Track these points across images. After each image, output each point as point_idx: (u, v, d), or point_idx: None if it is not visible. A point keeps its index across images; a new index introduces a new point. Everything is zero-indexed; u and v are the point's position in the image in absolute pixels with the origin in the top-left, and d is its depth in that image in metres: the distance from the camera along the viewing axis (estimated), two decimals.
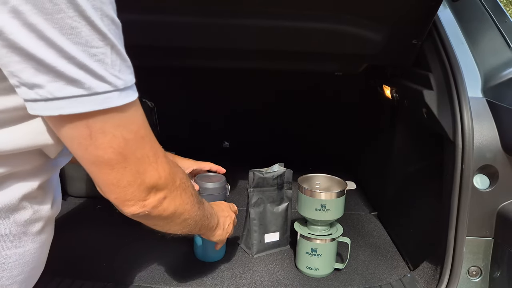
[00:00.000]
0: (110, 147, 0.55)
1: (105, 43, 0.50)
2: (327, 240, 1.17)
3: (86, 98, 0.50)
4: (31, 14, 0.46)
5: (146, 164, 0.60)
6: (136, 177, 0.59)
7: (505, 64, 1.10)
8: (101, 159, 0.56)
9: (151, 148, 0.60)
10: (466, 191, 1.01)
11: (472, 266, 1.05)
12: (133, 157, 0.58)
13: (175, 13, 1.16)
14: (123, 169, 0.57)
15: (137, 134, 0.57)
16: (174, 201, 0.68)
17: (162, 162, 0.63)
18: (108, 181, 0.58)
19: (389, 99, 1.50)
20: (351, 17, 1.18)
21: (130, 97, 0.55)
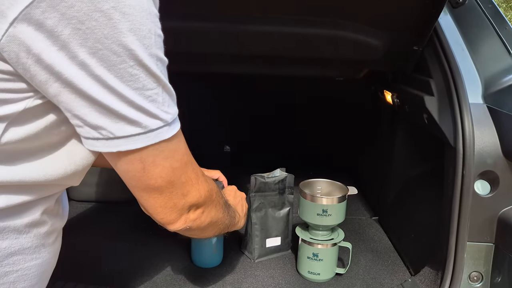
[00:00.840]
0: (160, 177, 0.61)
1: (158, 84, 0.56)
2: (329, 245, 1.18)
3: (142, 136, 0.56)
4: (97, 66, 0.51)
5: (189, 186, 0.67)
6: (180, 199, 0.66)
7: (505, 70, 1.10)
8: (151, 187, 0.62)
9: (193, 171, 0.67)
10: (467, 197, 1.01)
11: (473, 272, 1.05)
12: (178, 182, 0.64)
13: (175, 18, 1.17)
14: (170, 193, 0.64)
15: (181, 161, 0.64)
16: (210, 213, 0.75)
17: (202, 182, 0.70)
18: (156, 204, 0.65)
19: (390, 104, 1.51)
20: (352, 23, 1.19)
21: (176, 128, 0.61)
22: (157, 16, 0.55)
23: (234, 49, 1.32)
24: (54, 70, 0.50)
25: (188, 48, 1.31)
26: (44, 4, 0.47)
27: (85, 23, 0.48)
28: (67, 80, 0.51)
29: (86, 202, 1.66)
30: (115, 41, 0.50)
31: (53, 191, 0.65)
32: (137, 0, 0.51)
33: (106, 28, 0.49)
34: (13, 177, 0.58)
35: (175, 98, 0.61)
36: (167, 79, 0.58)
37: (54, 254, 0.70)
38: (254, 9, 1.15)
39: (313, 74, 1.69)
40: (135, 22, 0.51)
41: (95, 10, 0.48)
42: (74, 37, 0.49)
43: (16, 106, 0.54)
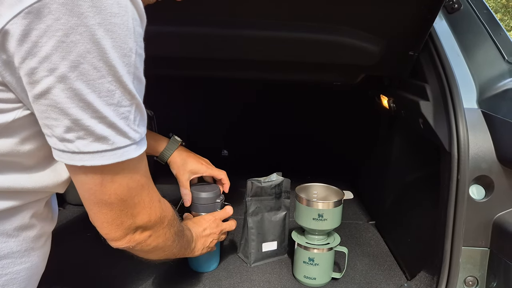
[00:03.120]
0: (114, 193, 0.61)
1: (132, 102, 0.56)
2: (325, 249, 1.18)
3: (108, 153, 0.56)
4: (76, 80, 0.51)
5: (140, 207, 0.66)
6: (129, 218, 0.66)
7: (500, 75, 1.11)
8: (104, 202, 0.62)
9: (148, 194, 0.67)
10: (462, 201, 1.01)
11: (469, 276, 1.05)
12: (131, 202, 0.64)
13: (174, 23, 1.18)
14: (120, 211, 0.64)
15: (138, 182, 0.64)
16: (158, 239, 0.75)
17: (155, 207, 0.70)
18: (104, 219, 0.64)
19: (387, 109, 1.52)
20: (349, 29, 1.19)
21: (143, 147, 0.61)
22: (141, 36, 0.56)
23: (232, 54, 1.33)
24: (33, 79, 0.51)
25: (186, 53, 1.32)
26: (32, 16, 0.48)
27: (70, 36, 0.49)
28: (43, 90, 0.51)
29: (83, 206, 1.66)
30: (97, 56, 0.51)
31: (41, 196, 0.66)
32: (123, 19, 0.52)
33: (89, 43, 0.50)
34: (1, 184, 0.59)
35: (145, 119, 0.61)
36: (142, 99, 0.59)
37: (43, 258, 0.71)
38: (252, 14, 1.15)
39: (311, 79, 1.70)
40: (118, 40, 0.52)
41: (81, 24, 0.49)
42: (57, 49, 0.49)
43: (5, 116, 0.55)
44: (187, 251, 0.96)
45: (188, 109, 2.17)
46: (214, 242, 1.09)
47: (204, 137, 2.21)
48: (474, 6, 1.30)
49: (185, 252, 0.95)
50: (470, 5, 1.30)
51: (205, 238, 1.05)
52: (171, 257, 0.89)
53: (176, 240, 0.83)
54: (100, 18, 0.50)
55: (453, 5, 1.29)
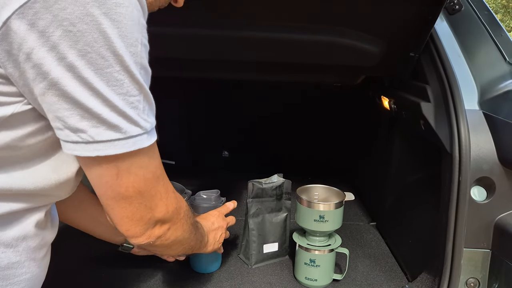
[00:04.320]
0: (132, 186, 0.61)
1: (140, 92, 0.57)
2: (326, 250, 1.18)
3: (122, 141, 0.56)
4: (84, 69, 0.51)
5: (158, 199, 0.66)
6: (148, 212, 0.65)
7: (501, 77, 1.11)
8: (121, 195, 0.61)
9: (163, 185, 0.67)
10: (463, 203, 1.01)
11: (470, 278, 1.05)
12: (148, 194, 0.64)
13: (174, 24, 1.18)
14: (139, 204, 0.63)
15: (154, 173, 0.64)
16: (176, 231, 0.74)
17: (171, 197, 0.69)
18: (123, 214, 0.64)
19: (387, 110, 1.51)
20: (349, 30, 1.19)
21: (154, 137, 0.61)
22: (145, 27, 0.57)
23: (233, 56, 1.33)
24: (42, 70, 0.51)
25: (187, 55, 1.32)
26: (38, 5, 0.48)
27: (76, 25, 0.50)
28: (53, 80, 0.51)
29: None
30: (104, 46, 0.51)
31: (41, 202, 0.64)
32: (128, 9, 0.52)
33: (96, 32, 0.51)
34: None
35: (154, 109, 0.62)
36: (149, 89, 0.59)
37: (44, 268, 0.70)
38: (252, 16, 1.15)
39: (311, 80, 1.70)
40: (124, 30, 0.52)
41: (87, 14, 0.50)
42: (64, 38, 0.50)
43: (4, 110, 0.54)
44: (202, 244, 0.96)
45: (189, 110, 2.17)
46: (223, 236, 1.10)
47: (205, 138, 2.21)
48: (475, 7, 1.29)
49: (200, 245, 0.95)
50: (471, 6, 1.30)
51: (215, 231, 1.06)
52: (189, 252, 0.89)
53: (193, 232, 0.84)
54: (105, 8, 0.51)
55: (454, 6, 1.29)
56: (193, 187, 1.28)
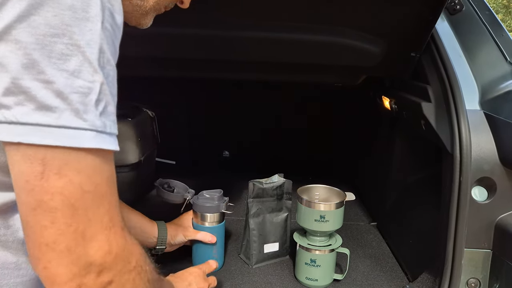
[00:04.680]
0: (60, 193, 0.46)
1: (94, 79, 0.46)
2: (326, 250, 1.18)
3: (53, 130, 0.44)
4: (22, 32, 0.43)
5: (97, 228, 0.48)
6: (78, 243, 0.47)
7: (502, 77, 1.11)
8: (44, 206, 0.45)
9: (108, 212, 0.49)
10: (464, 203, 1.01)
11: (471, 278, 1.05)
12: (83, 214, 0.47)
13: (175, 24, 1.18)
14: (66, 226, 0.46)
15: (97, 188, 0.48)
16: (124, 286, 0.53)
17: (117, 233, 0.51)
18: (42, 238, 0.46)
19: (388, 110, 1.51)
20: (350, 30, 1.19)
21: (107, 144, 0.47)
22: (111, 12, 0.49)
23: (234, 56, 1.33)
24: None
25: (188, 55, 1.32)
26: None
27: None
28: None
29: None
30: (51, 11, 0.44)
31: None
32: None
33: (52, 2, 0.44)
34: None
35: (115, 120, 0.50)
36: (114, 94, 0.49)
37: None
38: (253, 16, 1.15)
39: (312, 80, 1.70)
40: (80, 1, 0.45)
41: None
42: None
43: None
44: None
45: (189, 110, 2.17)
46: None
47: (206, 139, 2.21)
48: (476, 7, 1.29)
49: None
50: (472, 6, 1.30)
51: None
52: None
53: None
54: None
55: (455, 6, 1.29)
56: (194, 187, 1.28)
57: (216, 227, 1.20)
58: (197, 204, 1.19)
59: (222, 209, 1.20)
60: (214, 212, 1.18)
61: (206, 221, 1.19)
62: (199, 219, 1.19)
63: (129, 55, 1.33)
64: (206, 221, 1.19)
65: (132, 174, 1.62)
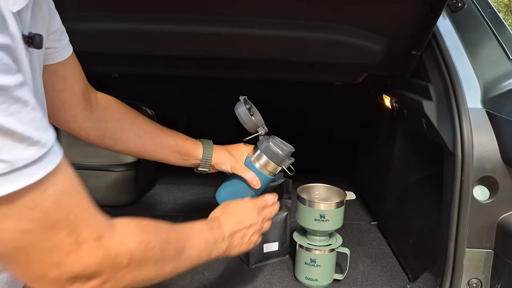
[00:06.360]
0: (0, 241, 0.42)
1: None
2: (326, 250, 1.17)
3: None
4: None
5: (61, 255, 0.45)
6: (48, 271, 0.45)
7: (504, 75, 1.10)
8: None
9: (69, 234, 0.45)
10: (465, 203, 1.00)
11: (473, 278, 1.04)
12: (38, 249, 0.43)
13: (174, 22, 1.17)
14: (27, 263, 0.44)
15: (42, 221, 0.43)
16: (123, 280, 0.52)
17: (90, 249, 0.47)
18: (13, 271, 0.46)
19: (389, 109, 1.50)
20: (350, 28, 1.18)
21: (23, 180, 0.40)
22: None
23: (233, 54, 1.32)
24: None
25: (188, 53, 1.31)
26: None
27: None
28: None
29: None
30: None
31: None
32: None
33: None
34: None
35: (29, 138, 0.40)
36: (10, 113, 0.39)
37: None
38: (253, 13, 1.14)
39: (313, 79, 1.69)
40: None
41: None
42: None
43: None
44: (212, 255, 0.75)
45: (189, 109, 2.17)
46: (256, 236, 0.89)
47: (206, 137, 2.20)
48: (477, 5, 1.28)
49: (208, 259, 0.74)
50: (473, 4, 1.28)
51: (244, 231, 0.85)
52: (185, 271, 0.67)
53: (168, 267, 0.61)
54: None
55: (457, 3, 1.27)
56: (193, 185, 1.27)
57: (266, 177, 1.07)
58: (265, 144, 1.08)
59: (285, 165, 1.08)
60: (275, 162, 1.06)
61: (263, 165, 1.07)
62: (256, 159, 1.07)
63: (129, 53, 1.33)
64: (263, 165, 1.07)
65: (131, 173, 1.61)
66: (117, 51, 1.29)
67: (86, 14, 1.14)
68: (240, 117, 1.12)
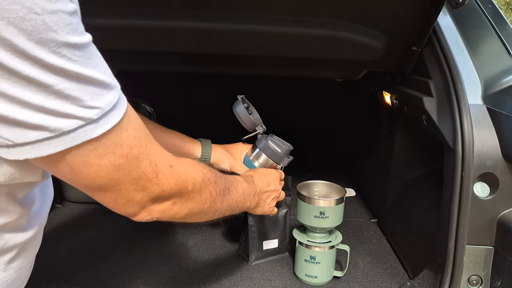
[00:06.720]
0: (98, 176, 0.50)
1: (66, 77, 0.43)
2: (326, 247, 1.16)
3: (54, 140, 0.44)
4: None
5: (145, 181, 0.55)
6: (134, 195, 0.55)
7: (505, 71, 1.09)
8: (90, 187, 0.51)
9: (149, 164, 0.55)
10: (466, 199, 1.00)
11: (473, 275, 1.03)
12: (127, 179, 0.53)
13: (173, 18, 1.16)
14: (118, 190, 0.54)
15: (128, 156, 0.51)
16: (187, 204, 0.65)
17: (165, 175, 0.58)
18: (105, 200, 0.55)
19: (389, 106, 1.50)
20: (350, 24, 1.17)
21: (111, 121, 0.48)
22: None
23: (232, 50, 1.31)
24: None
25: (185, 49, 1.30)
26: None
27: None
28: None
29: (82, 204, 1.65)
30: None
31: None
32: None
33: None
34: None
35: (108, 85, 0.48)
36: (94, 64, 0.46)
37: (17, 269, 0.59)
38: (252, 9, 1.14)
39: (312, 75, 1.68)
40: None
41: None
42: None
43: None
44: (246, 205, 0.86)
45: (189, 106, 2.16)
46: (274, 202, 1.01)
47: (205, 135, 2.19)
48: (478, 1, 1.28)
49: (242, 207, 0.85)
50: (474, 0, 1.28)
51: (269, 193, 0.97)
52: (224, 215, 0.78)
53: (218, 201, 0.72)
54: None
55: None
56: None
57: None
58: (264, 142, 1.10)
59: (284, 163, 1.10)
60: (274, 160, 1.09)
61: (262, 164, 1.09)
62: (255, 157, 1.10)
63: (128, 49, 1.32)
64: (262, 163, 1.09)
65: None
66: (116, 47, 1.28)
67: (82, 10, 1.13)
68: (238, 116, 1.13)
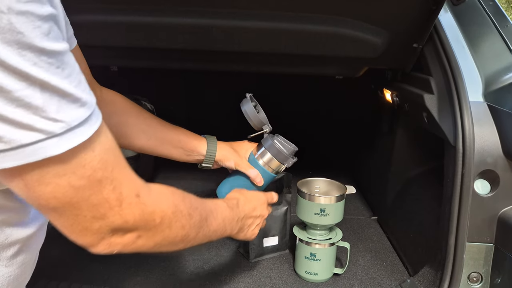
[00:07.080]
0: (53, 197, 0.45)
1: (29, 83, 0.40)
2: (326, 244, 1.17)
3: (9, 153, 0.41)
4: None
5: (105, 209, 0.49)
6: (92, 223, 0.50)
7: (506, 68, 1.09)
8: (45, 207, 0.47)
9: (113, 191, 0.49)
10: (466, 196, 1.00)
11: (473, 272, 1.03)
12: (85, 204, 0.48)
13: (173, 14, 1.16)
14: (75, 216, 0.48)
15: (91, 178, 0.47)
16: (154, 238, 0.57)
17: (130, 205, 0.52)
18: (59, 225, 0.49)
19: (390, 103, 1.50)
20: (351, 20, 1.17)
21: (77, 138, 0.44)
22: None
23: (231, 47, 1.31)
24: None
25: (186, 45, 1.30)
26: None
27: None
28: None
29: None
30: None
31: None
32: None
33: None
34: None
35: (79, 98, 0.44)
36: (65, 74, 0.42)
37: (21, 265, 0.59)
38: (253, 5, 1.13)
39: (313, 72, 1.68)
40: None
41: None
42: None
43: None
44: (226, 233, 0.80)
45: (189, 103, 2.16)
46: (258, 228, 0.95)
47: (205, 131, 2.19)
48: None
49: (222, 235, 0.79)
50: None
51: (254, 219, 0.92)
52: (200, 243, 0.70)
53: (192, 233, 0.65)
54: None
55: None
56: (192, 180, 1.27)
57: (269, 175, 1.08)
58: (270, 142, 1.08)
59: (288, 163, 1.09)
60: (279, 159, 1.07)
61: (267, 163, 1.07)
62: (260, 156, 1.08)
63: (127, 46, 1.32)
64: (267, 162, 1.07)
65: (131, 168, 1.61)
66: (116, 44, 1.28)
67: (84, 6, 1.13)
68: (246, 114, 1.11)
